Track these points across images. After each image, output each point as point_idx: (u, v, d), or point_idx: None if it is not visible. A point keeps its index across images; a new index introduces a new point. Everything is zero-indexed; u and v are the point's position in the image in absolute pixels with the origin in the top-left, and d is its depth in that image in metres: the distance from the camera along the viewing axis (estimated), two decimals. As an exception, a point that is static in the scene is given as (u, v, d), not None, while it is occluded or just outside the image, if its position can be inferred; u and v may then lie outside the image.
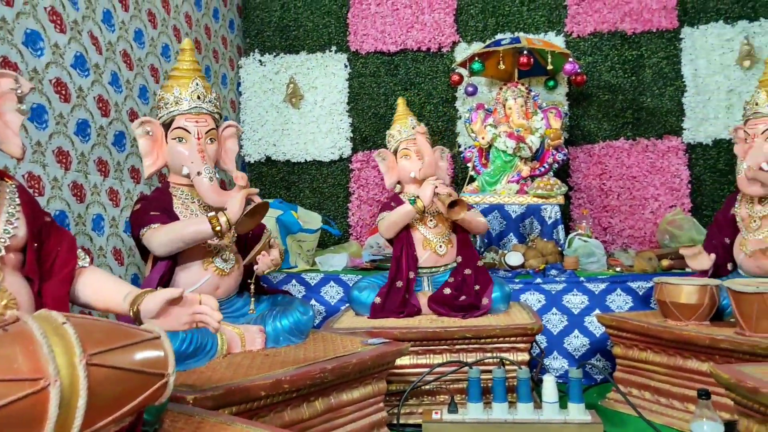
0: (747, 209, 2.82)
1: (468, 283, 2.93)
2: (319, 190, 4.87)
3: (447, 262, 3.07)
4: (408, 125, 3.16)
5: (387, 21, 4.79)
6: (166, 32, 3.89)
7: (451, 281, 2.98)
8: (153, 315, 1.52)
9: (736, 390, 1.78)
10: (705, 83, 4.45)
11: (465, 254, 3.06)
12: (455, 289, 2.93)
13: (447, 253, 3.05)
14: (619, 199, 4.52)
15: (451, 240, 3.07)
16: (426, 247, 3.04)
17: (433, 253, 3.03)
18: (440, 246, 3.03)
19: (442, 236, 3.05)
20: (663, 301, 2.70)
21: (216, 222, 2.15)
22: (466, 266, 3.00)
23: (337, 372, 2.08)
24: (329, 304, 3.65)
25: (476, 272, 2.97)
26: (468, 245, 3.09)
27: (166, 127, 2.33)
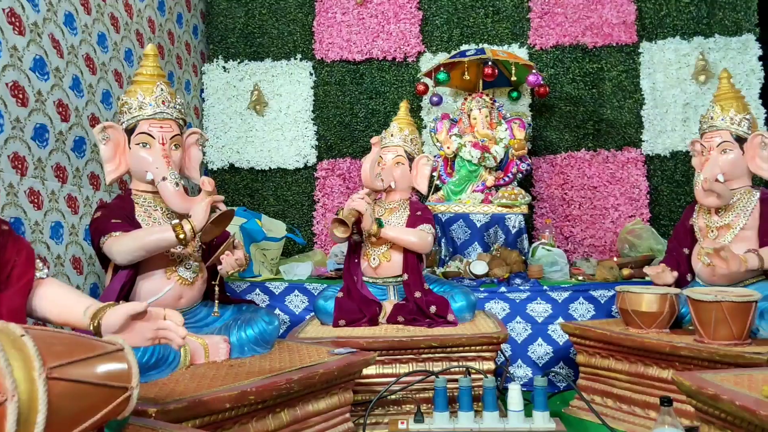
0: (704, 220, 2.89)
1: (421, 306, 2.89)
2: (284, 198, 4.84)
3: (385, 276, 3.03)
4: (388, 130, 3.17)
5: (353, 30, 4.80)
6: (129, 36, 3.81)
7: (404, 304, 2.95)
8: (115, 330, 1.47)
9: (697, 397, 1.82)
10: (662, 96, 4.57)
11: (411, 273, 2.97)
12: (408, 314, 2.90)
13: (380, 267, 3.01)
14: (581, 209, 4.60)
15: (389, 255, 3.01)
16: (364, 258, 3.04)
17: (368, 265, 3.03)
18: (373, 259, 3.01)
19: (378, 249, 3.02)
20: (625, 310, 2.74)
21: (180, 229, 2.10)
22: (414, 287, 2.93)
23: (304, 382, 2.05)
24: (294, 313, 3.61)
25: (426, 294, 2.92)
26: (413, 264, 2.98)
27: (129, 132, 2.28)
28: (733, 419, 1.70)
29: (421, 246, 2.95)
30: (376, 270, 3.02)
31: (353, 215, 2.80)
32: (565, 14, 4.67)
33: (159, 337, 1.52)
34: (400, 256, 3.00)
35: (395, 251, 3.01)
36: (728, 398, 1.68)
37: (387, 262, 3.01)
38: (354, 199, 2.84)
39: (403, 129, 3.17)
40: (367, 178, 2.95)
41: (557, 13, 4.67)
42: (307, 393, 2.12)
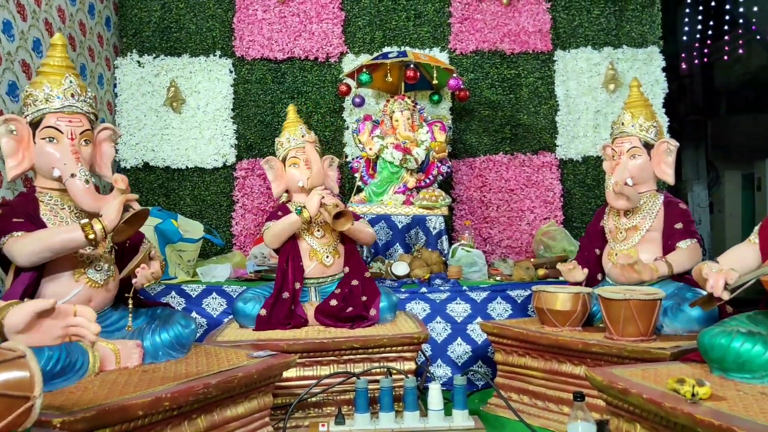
0: (614, 222, 3.03)
1: (355, 294, 2.93)
2: (201, 198, 4.70)
3: (334, 273, 3.05)
4: (297, 133, 3.12)
5: (274, 28, 4.73)
6: (38, 26, 3.60)
7: (337, 292, 2.96)
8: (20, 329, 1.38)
9: (608, 391, 1.89)
10: (575, 103, 4.76)
11: (352, 265, 3.05)
12: (342, 300, 2.92)
13: (334, 264, 3.03)
14: (499, 211, 4.72)
15: (338, 250, 3.06)
16: (312, 258, 3.00)
17: (320, 263, 3.00)
18: (327, 257, 3.01)
19: (329, 246, 3.03)
20: (540, 309, 2.83)
21: (90, 229, 2.00)
22: (353, 277, 3.00)
23: (222, 387, 1.99)
24: (211, 316, 3.51)
25: (363, 283, 2.98)
26: (355, 256, 3.09)
27: (34, 126, 2.14)
28: (640, 412, 1.78)
29: (372, 238, 3.14)
30: (329, 267, 3.02)
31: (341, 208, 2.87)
32: (484, 20, 4.78)
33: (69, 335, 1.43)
34: (343, 252, 3.08)
35: (341, 246, 3.08)
36: (636, 392, 1.76)
37: (338, 258, 3.06)
38: (323, 195, 2.89)
39: (309, 131, 3.19)
40: (321, 176, 3.02)
41: (477, 20, 4.78)
42: (226, 398, 2.06)
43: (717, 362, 1.88)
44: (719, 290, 1.84)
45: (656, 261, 2.72)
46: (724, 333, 1.87)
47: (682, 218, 2.84)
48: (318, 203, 2.86)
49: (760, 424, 1.46)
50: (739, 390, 1.75)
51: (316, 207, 2.85)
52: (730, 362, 1.83)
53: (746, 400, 1.66)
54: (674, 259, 2.73)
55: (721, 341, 1.86)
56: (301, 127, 3.16)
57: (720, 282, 1.84)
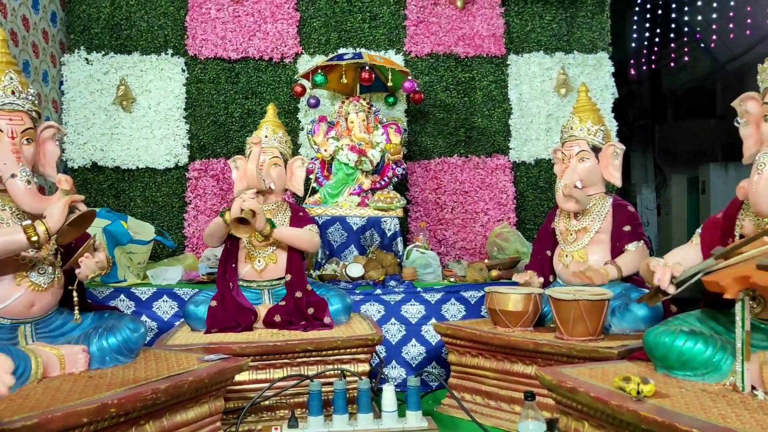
0: (564, 224, 3.09)
1: (300, 306, 2.88)
2: (153, 199, 4.60)
3: (270, 278, 2.99)
4: (261, 133, 3.10)
5: (228, 27, 4.67)
6: (-25, 19, 3.47)
7: (282, 305, 2.92)
8: None
9: (557, 390, 1.93)
10: (528, 107, 4.84)
11: (294, 274, 2.97)
12: (286, 314, 2.88)
13: (266, 269, 2.97)
14: (453, 213, 4.76)
15: (275, 256, 2.98)
16: (247, 261, 2.98)
17: (252, 267, 2.97)
18: (258, 261, 2.96)
19: (264, 251, 2.97)
20: (493, 309, 2.86)
21: (32, 231, 1.93)
22: (296, 289, 2.92)
23: (171, 392, 1.95)
24: (162, 320, 3.44)
25: (307, 295, 2.92)
26: (297, 264, 2.99)
27: (-28, 124, 2.06)
28: (588, 410, 1.82)
29: (311, 245, 3.00)
30: (261, 273, 2.97)
31: (250, 214, 2.75)
32: (439, 24, 4.81)
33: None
34: (284, 258, 2.99)
35: (280, 252, 2.99)
36: (584, 390, 1.79)
37: (273, 264, 2.98)
38: (245, 198, 2.79)
39: (277, 131, 3.15)
40: (253, 178, 2.90)
41: (432, 23, 4.81)
42: (175, 403, 2.02)
43: (661, 360, 1.94)
44: (666, 283, 1.89)
45: (606, 265, 2.78)
46: (667, 332, 1.93)
47: (630, 221, 2.91)
48: (238, 207, 2.78)
49: (700, 420, 1.51)
50: (682, 387, 1.81)
51: (236, 211, 2.78)
52: (673, 360, 1.89)
53: (688, 397, 1.71)
54: (623, 262, 2.80)
55: (665, 340, 1.91)
56: (267, 127, 3.13)
57: (667, 275, 1.90)
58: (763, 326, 1.87)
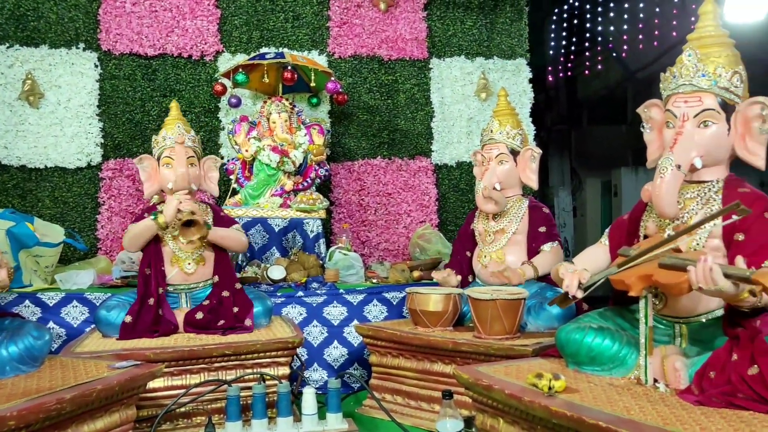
0: (483, 225, 3.16)
1: (226, 305, 2.83)
2: (63, 199, 4.38)
3: (198, 281, 2.94)
4: (175, 132, 2.98)
5: (144, 22, 4.50)
6: None
7: (206, 304, 2.86)
8: None
9: (473, 388, 1.97)
10: (450, 110, 4.92)
11: (222, 274, 2.94)
12: (209, 312, 2.81)
13: (196, 272, 2.92)
14: (376, 215, 4.78)
15: (203, 258, 2.93)
16: (174, 264, 2.89)
17: (181, 270, 2.89)
18: (188, 264, 2.89)
19: (192, 253, 2.90)
20: (413, 310, 2.89)
21: None
22: (223, 288, 2.89)
23: (78, 401, 1.86)
24: (71, 326, 3.29)
25: (235, 294, 2.88)
26: (225, 265, 2.97)
27: None
28: (503, 406, 1.86)
29: (241, 244, 3.01)
30: (191, 276, 2.91)
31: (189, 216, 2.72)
32: (362, 26, 4.82)
33: None
34: (212, 259, 2.95)
35: (209, 254, 2.94)
36: (499, 387, 1.84)
37: (202, 266, 2.93)
38: (181, 200, 2.77)
39: (189, 130, 3.07)
40: (185, 179, 2.87)
41: (355, 24, 4.82)
42: (83, 412, 1.93)
43: (572, 356, 2.01)
44: (574, 289, 1.96)
45: (523, 265, 2.86)
46: (577, 329, 2.00)
47: (545, 222, 3.01)
48: (174, 209, 2.74)
49: (606, 413, 1.57)
50: (591, 382, 1.88)
51: (173, 213, 2.73)
52: (583, 356, 1.97)
53: (596, 391, 1.78)
54: (539, 262, 2.90)
55: (576, 337, 1.99)
56: (179, 126, 3.03)
57: (574, 282, 1.97)
58: (665, 322, 1.98)
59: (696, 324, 1.91)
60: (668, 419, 1.52)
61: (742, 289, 1.56)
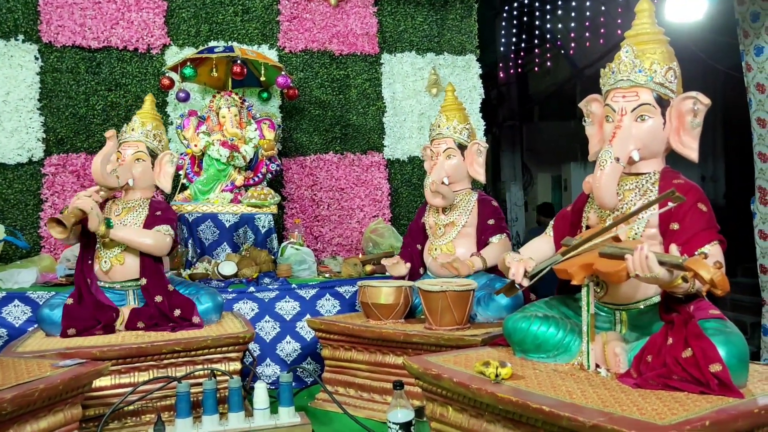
0: (434, 218, 3.20)
1: (164, 310, 2.77)
2: (3, 196, 4.24)
3: (119, 280, 2.86)
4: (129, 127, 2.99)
5: (87, 14, 4.39)
6: None
7: (145, 309, 2.80)
8: None
9: (423, 378, 1.99)
10: (401, 106, 4.95)
11: (149, 277, 2.83)
12: (148, 319, 2.76)
13: (112, 271, 2.83)
14: (329, 209, 4.78)
15: (122, 257, 2.84)
16: (97, 260, 2.84)
17: (99, 268, 2.84)
18: (105, 261, 2.83)
19: (109, 252, 2.83)
20: (365, 303, 2.91)
21: None
22: (155, 292, 2.80)
23: (19, 401, 1.81)
24: (13, 326, 3.19)
25: (169, 297, 2.80)
26: (150, 268, 2.84)
27: None
28: (452, 395, 1.89)
29: (156, 248, 2.81)
30: (107, 274, 2.83)
31: (75, 215, 2.60)
32: (313, 20, 4.81)
33: None
34: (136, 259, 2.84)
35: (130, 254, 2.84)
36: (447, 376, 1.87)
37: (120, 265, 2.83)
38: (80, 196, 2.65)
39: (146, 123, 3.00)
40: (98, 173, 2.73)
41: (306, 19, 4.80)
42: (25, 413, 1.87)
43: (518, 344, 2.06)
44: (520, 277, 2.01)
45: (472, 257, 2.91)
46: (524, 318, 2.05)
47: (493, 215, 3.07)
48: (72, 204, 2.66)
49: (549, 398, 1.62)
50: (536, 368, 1.93)
51: (71, 208, 2.65)
52: (529, 344, 2.02)
53: (541, 377, 1.83)
54: (488, 254, 2.95)
55: (522, 325, 2.04)
56: (136, 120, 3.01)
57: (520, 270, 2.02)
58: (606, 309, 2.05)
59: (635, 311, 1.98)
60: (608, 401, 1.58)
61: (675, 275, 1.63)
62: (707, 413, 1.45)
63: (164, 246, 2.83)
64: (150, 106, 3.11)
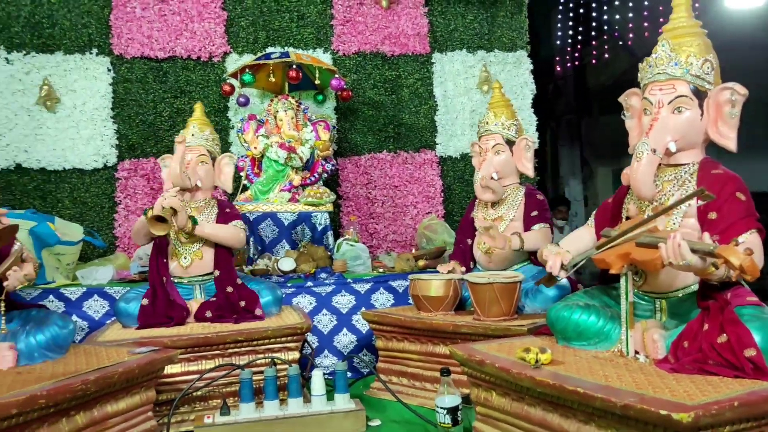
0: (483, 213, 3.28)
1: (232, 300, 2.96)
2: (81, 200, 4.56)
3: (197, 274, 3.07)
4: (188, 133, 3.17)
5: (154, 26, 4.67)
6: None
7: (213, 301, 3.00)
8: None
9: (468, 364, 2.09)
10: (453, 103, 5.03)
11: (222, 269, 3.05)
12: (217, 309, 2.96)
13: (192, 266, 3.04)
14: (384, 207, 4.91)
15: (201, 253, 3.06)
16: (174, 257, 3.04)
17: (178, 264, 3.04)
18: (185, 258, 3.04)
19: (189, 248, 3.05)
20: (416, 295, 3.02)
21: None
22: (226, 284, 3.00)
23: (101, 383, 2.02)
24: (93, 319, 3.45)
25: (238, 289, 3.00)
26: (224, 260, 3.07)
27: None
28: (495, 380, 1.99)
29: (235, 241, 3.07)
30: (187, 269, 3.03)
31: (168, 213, 2.81)
32: (365, 23, 4.95)
33: None
34: (211, 254, 3.06)
35: (207, 249, 3.05)
36: (490, 362, 1.96)
37: (199, 260, 3.04)
38: (166, 197, 2.85)
39: (204, 129, 3.21)
40: (177, 176, 2.97)
41: (358, 22, 4.94)
42: (105, 394, 2.08)
43: (561, 333, 2.13)
44: (556, 270, 2.09)
45: (512, 234, 2.96)
46: (566, 307, 2.13)
47: (538, 207, 3.13)
48: (159, 205, 2.84)
49: (585, 381, 1.70)
50: (577, 355, 2.00)
51: (158, 208, 2.83)
52: (571, 332, 2.09)
53: (580, 363, 1.90)
54: (527, 236, 3.00)
55: (564, 314, 2.11)
56: (194, 126, 3.20)
57: (557, 263, 2.09)
58: (646, 298, 2.09)
59: (674, 299, 2.02)
60: (642, 384, 1.64)
61: (708, 263, 1.67)
62: (738, 395, 1.50)
63: (242, 239, 3.10)
64: (202, 113, 3.31)
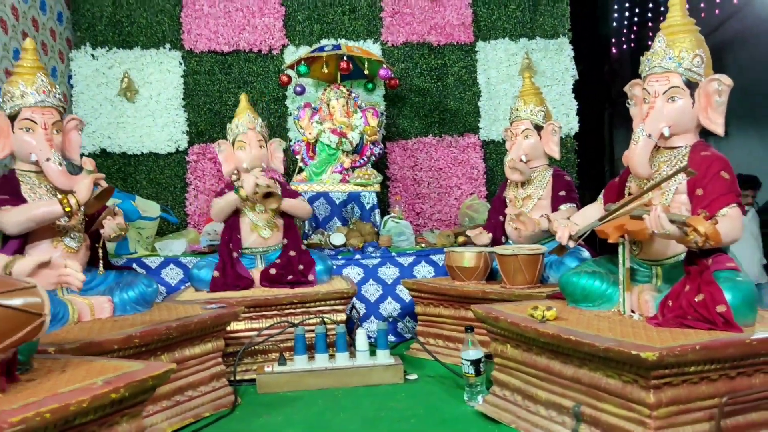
0: (513, 192, 3.57)
1: (293, 263, 3.37)
2: (157, 181, 5.07)
3: (273, 244, 3.49)
4: (245, 120, 3.53)
5: (220, 22, 5.10)
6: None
7: (278, 262, 3.41)
8: (25, 276, 1.81)
9: (486, 320, 2.42)
10: (496, 90, 5.29)
11: (290, 237, 3.49)
12: (281, 269, 3.36)
13: (272, 237, 3.47)
14: (429, 188, 5.24)
15: (276, 224, 3.49)
16: (253, 231, 3.45)
17: (259, 236, 3.45)
18: (264, 230, 3.45)
19: (267, 221, 3.46)
20: (450, 266, 3.36)
21: (66, 203, 2.42)
22: (290, 248, 3.44)
23: (181, 329, 2.44)
24: (170, 285, 3.93)
25: (300, 254, 3.42)
26: (292, 230, 3.52)
27: (12, 118, 2.54)
28: (508, 333, 2.31)
29: (305, 212, 3.60)
30: (267, 240, 3.45)
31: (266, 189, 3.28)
32: (413, 14, 5.25)
33: (61, 282, 1.87)
34: (282, 225, 3.50)
35: (279, 220, 3.50)
36: (503, 318, 2.29)
37: (277, 231, 3.49)
38: (258, 176, 3.30)
39: (257, 118, 3.59)
40: (259, 159, 3.43)
41: (406, 14, 5.25)
42: (184, 339, 2.51)
43: (570, 296, 2.43)
44: (565, 239, 2.38)
45: (540, 217, 3.24)
46: (575, 273, 2.42)
47: (565, 187, 3.39)
48: (253, 184, 3.27)
49: (579, 331, 2.00)
50: (581, 314, 2.30)
51: (251, 187, 3.27)
52: (578, 294, 2.39)
53: (581, 320, 2.20)
54: (554, 215, 3.27)
55: (573, 279, 2.41)
56: (249, 114, 3.58)
57: (565, 233, 2.39)
58: (645, 265, 2.37)
59: (667, 265, 2.29)
60: (627, 335, 1.94)
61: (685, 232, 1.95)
62: (701, 341, 1.78)
63: (310, 210, 3.68)
64: (248, 103, 3.67)
